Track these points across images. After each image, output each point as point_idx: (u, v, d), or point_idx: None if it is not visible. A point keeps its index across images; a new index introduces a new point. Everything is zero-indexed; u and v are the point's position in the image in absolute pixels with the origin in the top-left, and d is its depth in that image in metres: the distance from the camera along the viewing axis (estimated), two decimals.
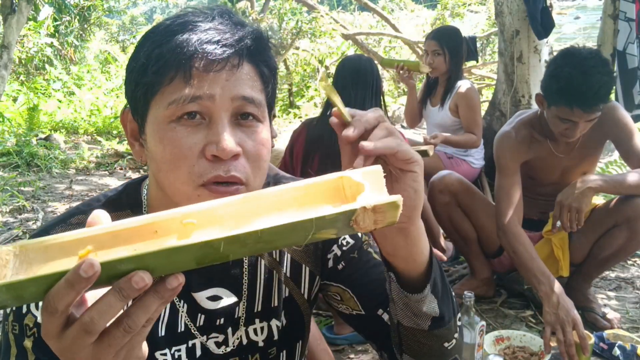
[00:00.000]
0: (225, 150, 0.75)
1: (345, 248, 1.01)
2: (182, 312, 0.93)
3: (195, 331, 0.93)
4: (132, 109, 0.84)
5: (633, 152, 2.31)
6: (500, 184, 2.41)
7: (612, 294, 2.79)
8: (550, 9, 3.80)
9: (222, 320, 0.95)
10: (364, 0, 8.51)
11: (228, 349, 0.96)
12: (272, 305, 0.99)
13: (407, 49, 9.00)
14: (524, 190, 2.42)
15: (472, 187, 2.72)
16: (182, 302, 0.93)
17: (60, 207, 4.33)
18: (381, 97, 2.58)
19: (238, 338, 0.97)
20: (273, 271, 1.00)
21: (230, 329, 0.96)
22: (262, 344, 0.98)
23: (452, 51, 3.47)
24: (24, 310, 0.82)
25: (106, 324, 0.55)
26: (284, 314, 1.01)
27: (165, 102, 0.77)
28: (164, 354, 0.91)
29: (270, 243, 0.56)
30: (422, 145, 3.28)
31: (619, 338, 2.20)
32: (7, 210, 4.20)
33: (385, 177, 0.61)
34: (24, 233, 3.73)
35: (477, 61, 6.56)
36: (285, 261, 1.01)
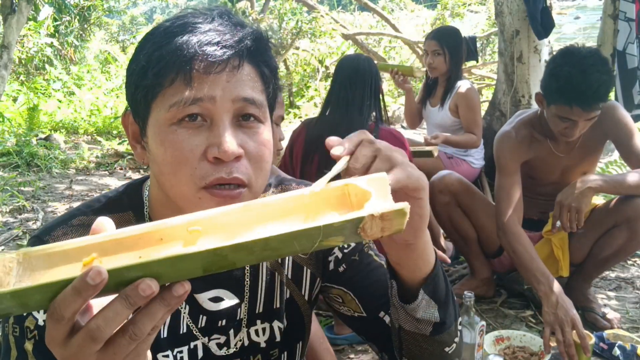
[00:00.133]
0: (227, 152, 0.75)
1: (346, 250, 1.01)
2: (184, 313, 0.92)
3: (197, 332, 0.93)
4: (133, 111, 0.84)
5: (633, 152, 2.31)
6: (500, 184, 2.41)
7: (612, 294, 2.79)
8: (550, 9, 3.80)
9: (224, 322, 0.95)
10: (364, 0, 8.51)
11: (230, 351, 0.96)
12: (274, 306, 0.99)
13: (407, 49, 9.00)
14: (524, 190, 2.42)
15: (472, 187, 2.72)
16: (184, 303, 0.93)
17: (60, 207, 4.33)
18: (380, 96, 2.57)
19: (240, 339, 0.97)
20: (275, 273, 1.00)
21: (232, 331, 0.96)
22: (264, 345, 0.98)
23: (452, 51, 3.47)
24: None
25: (112, 332, 0.54)
26: (285, 315, 1.01)
27: (166, 105, 0.76)
28: (166, 356, 0.91)
29: (277, 250, 0.55)
30: (424, 146, 3.28)
31: (619, 338, 2.20)
32: (7, 210, 4.20)
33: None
34: (24, 233, 3.73)
35: (477, 61, 6.56)
36: (287, 263, 1.01)
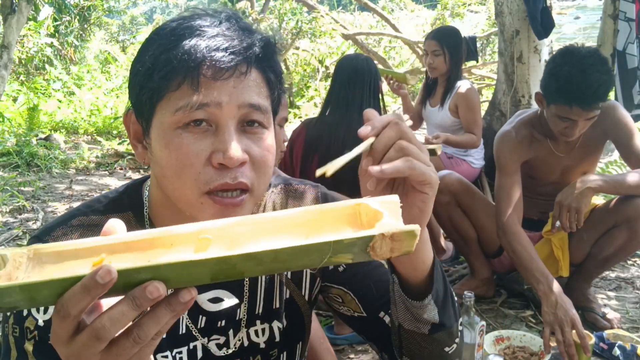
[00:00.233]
0: (233, 159, 0.75)
1: None
2: (184, 314, 0.92)
3: (196, 333, 0.93)
4: (136, 112, 0.83)
5: (633, 152, 2.30)
6: (500, 184, 2.40)
7: (612, 294, 2.79)
8: (550, 9, 3.80)
9: (223, 322, 0.95)
10: (364, 0, 8.51)
11: (229, 351, 0.96)
12: (274, 306, 0.99)
13: (407, 49, 9.01)
14: (524, 190, 2.42)
15: (472, 187, 2.72)
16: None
17: (60, 207, 4.33)
18: (380, 96, 2.57)
19: (239, 340, 0.97)
20: (274, 273, 1.00)
21: (231, 331, 0.96)
22: (263, 345, 0.98)
23: (452, 51, 3.47)
24: (25, 313, 0.82)
25: (117, 332, 0.54)
26: (285, 316, 1.01)
27: (172, 108, 0.76)
28: (165, 356, 0.91)
29: (285, 263, 0.55)
30: (426, 144, 3.28)
31: (619, 338, 2.20)
32: (7, 210, 4.20)
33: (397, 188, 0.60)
34: (24, 233, 3.73)
35: (477, 61, 6.56)
36: None
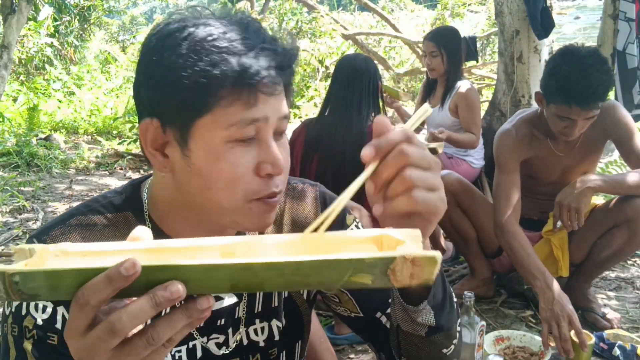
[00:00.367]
0: (281, 170, 0.80)
1: None
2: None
3: (195, 332, 0.93)
4: (167, 122, 0.80)
5: (633, 152, 2.30)
6: (498, 182, 2.40)
7: (612, 294, 2.79)
8: (550, 9, 3.80)
9: (222, 321, 0.95)
10: (364, 0, 8.51)
11: (228, 350, 0.96)
12: (273, 305, 0.99)
13: (407, 49, 9.01)
14: (524, 190, 2.42)
15: (471, 187, 2.71)
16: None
17: (60, 207, 4.33)
18: (379, 96, 2.55)
19: (238, 338, 0.97)
20: None
21: (230, 330, 0.96)
22: (262, 344, 0.98)
23: (450, 52, 3.46)
24: (23, 312, 0.82)
25: (132, 328, 0.55)
26: (284, 314, 1.01)
27: (225, 123, 0.76)
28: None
29: (306, 277, 0.55)
30: (428, 143, 3.27)
31: (619, 338, 2.20)
32: (7, 210, 4.20)
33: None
34: (24, 233, 3.73)
35: (477, 61, 6.55)
36: None
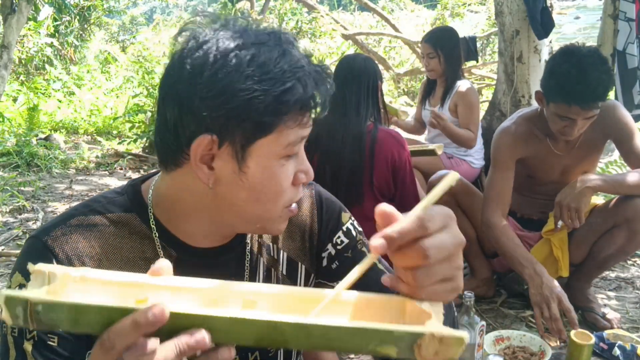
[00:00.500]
0: (312, 177, 0.88)
1: (339, 247, 1.02)
2: None
3: None
4: (225, 138, 0.80)
5: (633, 152, 2.30)
6: (491, 177, 2.39)
7: (612, 294, 2.79)
8: (550, 9, 3.79)
9: None
10: (364, 0, 8.51)
11: None
12: None
13: (407, 49, 9.00)
14: (524, 190, 2.41)
15: (471, 187, 2.71)
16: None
17: (60, 207, 4.33)
18: (378, 96, 2.53)
19: None
20: (271, 269, 1.01)
21: None
22: None
23: (447, 53, 3.44)
24: None
25: None
26: None
27: (284, 142, 0.81)
28: None
29: (331, 342, 0.53)
30: (427, 145, 3.27)
31: (619, 338, 2.20)
32: (7, 210, 4.20)
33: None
34: (24, 233, 3.72)
35: (477, 61, 6.55)
36: (281, 259, 1.01)
